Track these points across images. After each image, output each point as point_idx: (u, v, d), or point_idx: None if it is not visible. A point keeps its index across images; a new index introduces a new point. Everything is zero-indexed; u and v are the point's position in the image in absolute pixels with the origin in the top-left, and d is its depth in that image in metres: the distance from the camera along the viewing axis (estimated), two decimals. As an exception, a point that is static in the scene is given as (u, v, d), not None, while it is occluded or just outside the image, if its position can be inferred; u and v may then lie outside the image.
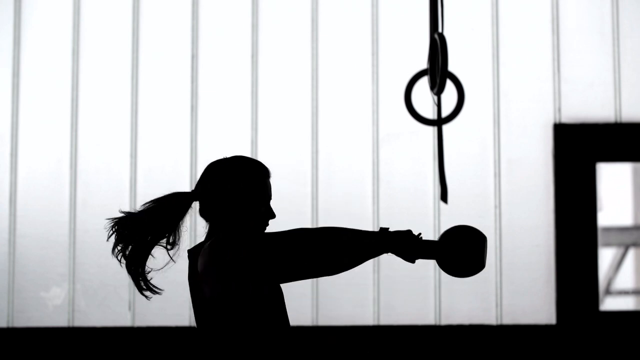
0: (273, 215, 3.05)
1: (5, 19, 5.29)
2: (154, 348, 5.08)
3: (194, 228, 5.06)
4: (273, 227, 5.22)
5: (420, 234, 2.88)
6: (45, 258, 5.16)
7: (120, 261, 3.03)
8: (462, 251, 2.89)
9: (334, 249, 2.85)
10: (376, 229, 5.17)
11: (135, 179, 5.20)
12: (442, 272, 5.15)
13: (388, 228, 2.89)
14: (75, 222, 5.17)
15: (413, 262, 2.87)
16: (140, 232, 2.98)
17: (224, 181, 2.98)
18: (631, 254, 8.29)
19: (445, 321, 5.10)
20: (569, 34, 5.27)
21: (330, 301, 5.13)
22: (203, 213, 3.05)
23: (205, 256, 2.89)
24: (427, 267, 5.13)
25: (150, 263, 3.13)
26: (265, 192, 3.03)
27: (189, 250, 3.07)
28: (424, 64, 4.88)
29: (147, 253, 2.99)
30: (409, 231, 2.85)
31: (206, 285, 2.90)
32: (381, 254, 2.85)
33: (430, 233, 5.14)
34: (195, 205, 3.08)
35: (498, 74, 5.24)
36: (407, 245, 2.80)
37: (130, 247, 3.00)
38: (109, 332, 5.09)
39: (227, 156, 3.07)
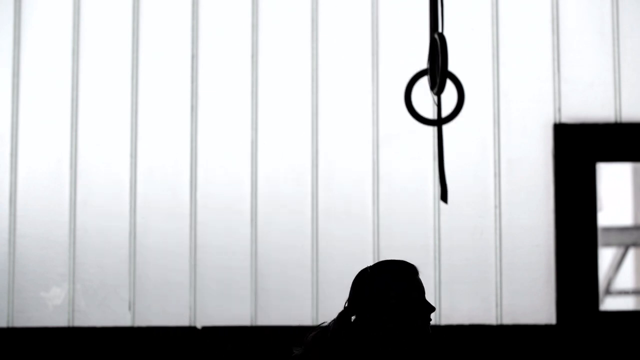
0: (433, 309, 2.98)
1: (5, 19, 5.29)
2: (154, 348, 5.08)
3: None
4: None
5: None
6: (45, 258, 5.16)
7: None
8: None
9: None
10: (376, 229, 5.17)
11: (135, 179, 5.20)
12: (442, 272, 5.15)
13: None
14: (75, 222, 5.17)
15: None
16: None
17: (372, 291, 2.93)
18: (631, 254, 8.30)
19: (445, 321, 5.10)
20: (569, 34, 5.27)
21: (330, 301, 5.13)
22: (359, 323, 3.00)
23: None
24: (427, 267, 5.13)
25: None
26: (418, 290, 2.98)
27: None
28: (424, 64, 4.88)
29: None
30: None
31: None
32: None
33: (430, 233, 5.15)
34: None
35: (498, 74, 5.24)
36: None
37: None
38: (109, 332, 5.09)
39: (371, 265, 3.02)
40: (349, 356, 2.90)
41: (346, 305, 2.99)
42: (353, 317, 2.99)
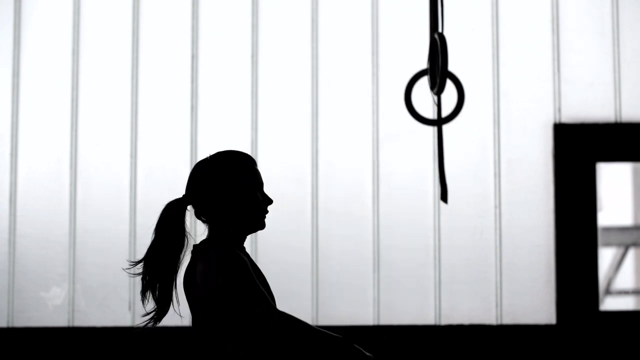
0: (270, 201, 3.05)
1: (5, 19, 5.29)
2: (154, 348, 5.08)
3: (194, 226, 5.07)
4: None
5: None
6: (45, 258, 5.16)
7: (147, 300, 3.02)
8: None
9: (281, 326, 2.90)
10: (376, 229, 5.17)
11: (135, 179, 5.20)
12: (442, 272, 5.15)
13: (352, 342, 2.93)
14: (75, 222, 5.17)
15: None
16: (159, 270, 2.97)
17: (213, 179, 2.98)
18: (631, 254, 8.30)
19: (445, 321, 5.10)
20: (569, 34, 5.27)
21: (330, 301, 5.13)
22: (199, 214, 3.04)
23: (201, 267, 2.89)
24: (427, 267, 5.13)
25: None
26: (255, 179, 3.03)
27: (194, 246, 3.06)
28: (424, 64, 4.88)
29: (172, 281, 2.98)
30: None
31: (201, 287, 2.90)
32: (323, 344, 2.89)
33: (430, 233, 5.15)
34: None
35: (498, 74, 5.24)
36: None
37: (157, 285, 2.99)
38: (109, 332, 5.09)
39: (211, 154, 3.06)
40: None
41: (184, 194, 3.02)
42: (190, 206, 3.02)
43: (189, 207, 3.05)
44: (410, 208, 5.17)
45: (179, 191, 5.19)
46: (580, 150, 5.18)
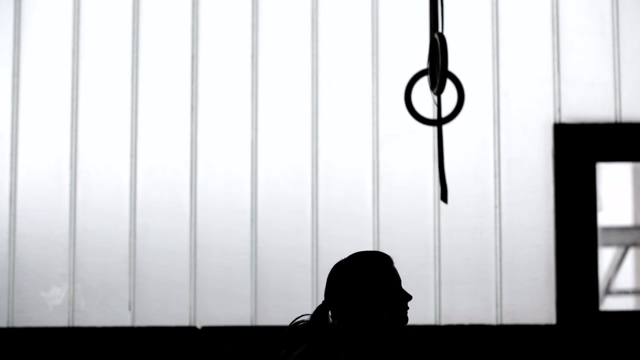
0: (409, 297, 3.03)
1: (5, 19, 5.29)
2: (154, 348, 5.08)
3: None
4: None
5: None
6: (45, 258, 5.16)
7: None
8: None
9: None
10: (376, 229, 5.17)
11: (135, 179, 5.20)
12: (442, 272, 5.15)
13: None
14: (75, 222, 5.17)
15: None
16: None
17: (353, 286, 2.94)
18: (631, 254, 8.30)
19: (445, 321, 5.10)
20: (569, 34, 5.27)
21: (330, 301, 5.12)
22: (336, 317, 3.00)
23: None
24: (427, 267, 5.14)
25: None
26: (396, 279, 3.01)
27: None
28: (424, 64, 4.88)
29: None
30: None
31: None
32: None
33: (430, 233, 5.15)
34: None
35: (498, 74, 5.24)
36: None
37: None
38: (109, 332, 5.09)
39: (345, 257, 3.03)
40: (333, 352, 2.91)
41: (324, 300, 3.00)
42: (330, 312, 3.01)
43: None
44: (410, 208, 5.17)
45: (179, 191, 5.21)
46: (580, 150, 5.18)
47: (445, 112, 4.83)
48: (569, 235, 5.13)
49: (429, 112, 5.08)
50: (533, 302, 5.12)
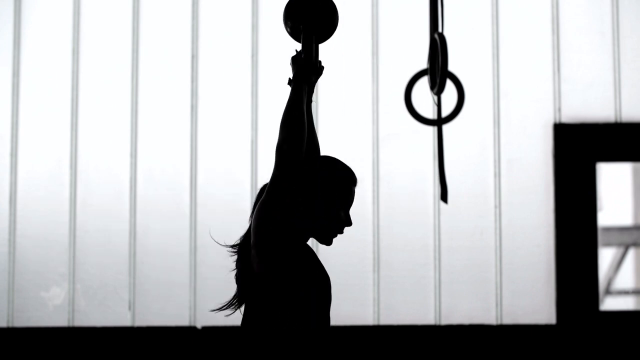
0: (350, 223, 3.02)
1: (5, 18, 5.29)
2: (154, 348, 5.08)
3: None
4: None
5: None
6: (45, 258, 5.16)
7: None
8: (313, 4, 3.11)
9: (289, 121, 2.98)
10: (376, 229, 5.17)
11: (135, 179, 5.20)
12: (442, 272, 5.14)
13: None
14: (75, 222, 5.17)
15: (319, 67, 3.11)
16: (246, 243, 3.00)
17: (309, 179, 2.98)
18: (631, 254, 8.29)
19: (445, 321, 5.10)
20: (569, 34, 5.27)
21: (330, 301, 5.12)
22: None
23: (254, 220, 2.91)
24: (427, 267, 5.14)
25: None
26: (349, 198, 3.01)
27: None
28: (424, 64, 4.88)
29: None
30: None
31: (255, 260, 2.92)
32: (299, 86, 3.09)
33: (430, 233, 5.15)
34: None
35: (498, 74, 5.24)
36: (295, 64, 3.07)
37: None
38: (109, 332, 5.09)
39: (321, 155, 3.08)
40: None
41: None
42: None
43: None
44: (410, 208, 5.17)
45: (179, 191, 5.20)
46: (580, 150, 5.18)
47: (445, 112, 4.83)
48: (569, 235, 5.13)
49: (429, 112, 5.08)
50: (533, 302, 5.12)
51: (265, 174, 5.18)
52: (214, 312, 3.16)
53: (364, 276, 5.13)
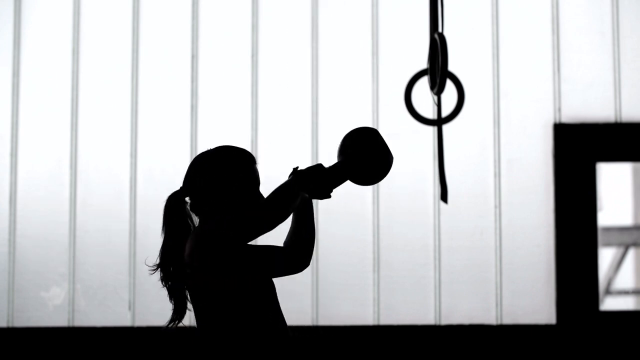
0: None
1: (5, 18, 5.29)
2: (154, 348, 5.08)
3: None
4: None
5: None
6: (45, 258, 5.16)
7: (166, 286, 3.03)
8: (365, 155, 2.92)
9: (272, 208, 2.87)
10: (376, 229, 5.17)
11: (135, 179, 5.20)
12: (442, 272, 5.15)
13: (297, 167, 2.95)
14: (75, 222, 5.17)
15: (329, 196, 2.92)
16: (170, 257, 2.96)
17: (210, 172, 2.98)
18: (631, 254, 8.30)
19: (445, 321, 5.10)
20: (569, 34, 5.27)
21: (330, 301, 5.13)
22: (194, 208, 3.03)
23: (191, 241, 2.88)
24: (427, 267, 5.14)
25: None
26: (253, 178, 3.02)
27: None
28: (424, 64, 4.88)
29: (183, 271, 2.98)
30: (318, 164, 2.92)
31: (194, 270, 2.89)
32: (298, 193, 2.89)
33: (430, 233, 5.15)
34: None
35: (498, 74, 5.24)
36: (314, 177, 2.87)
37: (171, 270, 2.99)
38: (109, 332, 5.09)
39: (211, 147, 3.06)
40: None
41: (181, 187, 3.04)
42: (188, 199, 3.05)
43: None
44: (410, 208, 5.17)
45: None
46: (580, 150, 5.18)
47: (445, 112, 4.83)
48: (569, 235, 5.13)
49: (429, 112, 5.08)
50: (533, 302, 5.12)
51: (264, 174, 5.18)
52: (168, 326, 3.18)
53: (364, 276, 5.13)
